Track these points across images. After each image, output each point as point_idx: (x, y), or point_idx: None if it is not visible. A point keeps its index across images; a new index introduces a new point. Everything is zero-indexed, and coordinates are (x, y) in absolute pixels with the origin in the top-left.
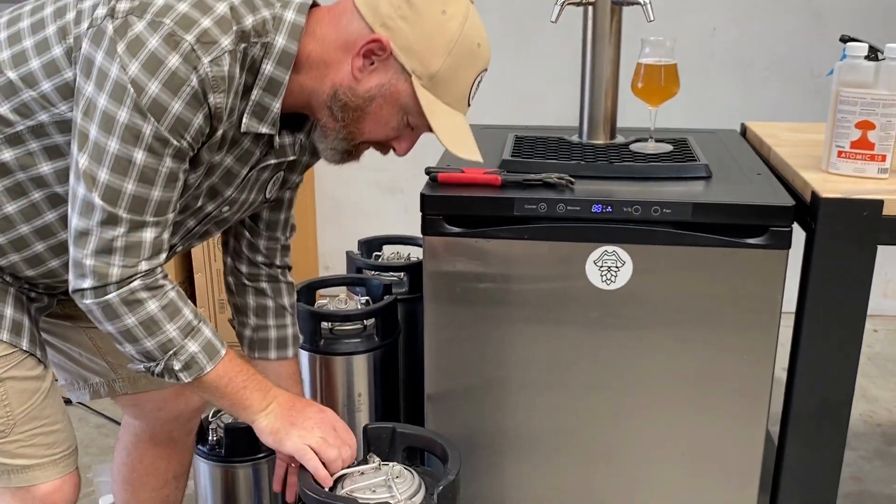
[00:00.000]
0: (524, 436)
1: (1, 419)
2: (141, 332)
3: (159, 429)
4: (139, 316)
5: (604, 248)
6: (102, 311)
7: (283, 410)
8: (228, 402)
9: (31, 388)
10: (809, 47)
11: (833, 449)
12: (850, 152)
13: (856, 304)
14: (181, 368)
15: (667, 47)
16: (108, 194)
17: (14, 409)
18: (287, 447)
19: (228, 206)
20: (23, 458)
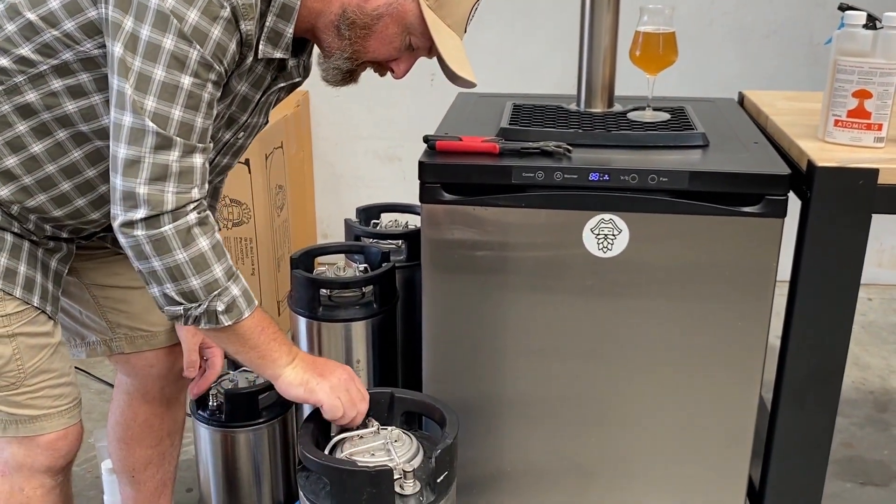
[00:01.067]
0: (520, 401)
1: (12, 373)
2: (189, 270)
3: (151, 385)
4: (191, 251)
5: (601, 217)
6: (153, 245)
7: (307, 364)
8: (257, 353)
9: (41, 344)
10: (809, 15)
11: (825, 416)
12: (846, 121)
13: (850, 272)
14: (224, 311)
15: (665, 15)
16: (158, 119)
17: (25, 363)
18: (319, 396)
19: (244, 132)
20: (30, 408)
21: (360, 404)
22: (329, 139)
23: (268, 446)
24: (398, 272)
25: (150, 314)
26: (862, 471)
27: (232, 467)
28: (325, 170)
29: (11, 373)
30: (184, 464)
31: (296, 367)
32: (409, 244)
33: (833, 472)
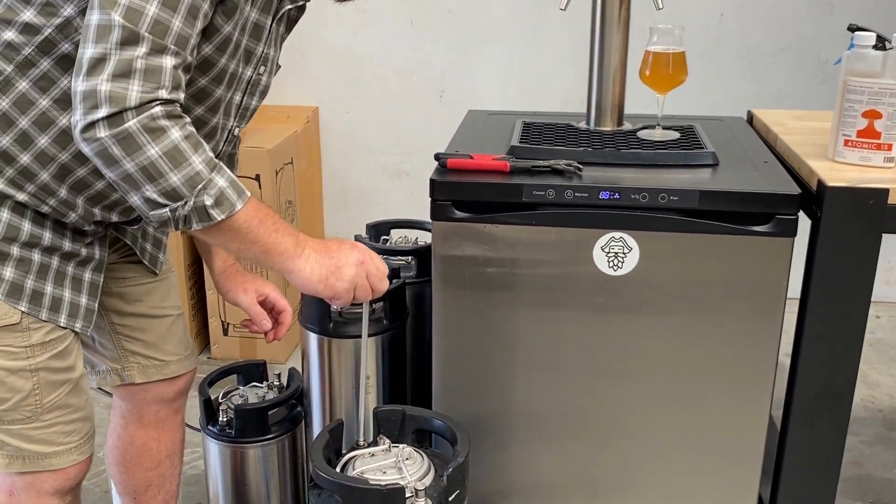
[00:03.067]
0: (531, 419)
1: (29, 407)
2: (166, 165)
3: (145, 410)
4: (163, 145)
5: (611, 235)
6: (121, 145)
7: (320, 255)
8: (261, 247)
9: (62, 379)
10: (817, 33)
11: (835, 434)
12: (856, 141)
13: (860, 292)
14: (213, 204)
15: (675, 35)
16: (129, 14)
17: (43, 398)
18: (340, 293)
19: (263, 66)
20: (42, 443)
21: (380, 285)
22: (338, 155)
23: (277, 462)
24: (408, 288)
25: (166, 343)
26: (871, 490)
27: (241, 483)
28: (334, 185)
29: (28, 407)
30: (192, 479)
31: (308, 258)
32: (419, 260)
33: (842, 490)
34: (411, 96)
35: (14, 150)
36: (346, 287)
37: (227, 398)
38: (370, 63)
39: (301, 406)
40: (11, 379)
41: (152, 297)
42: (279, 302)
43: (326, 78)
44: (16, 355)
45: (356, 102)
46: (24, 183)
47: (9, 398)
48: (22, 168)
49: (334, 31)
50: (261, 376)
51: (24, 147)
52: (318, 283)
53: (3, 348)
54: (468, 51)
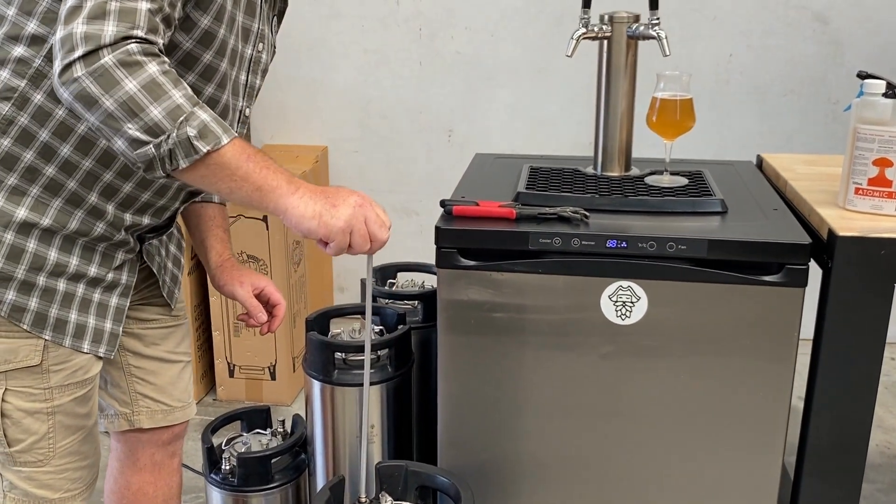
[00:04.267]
0: (538, 468)
1: (42, 450)
2: (145, 98)
3: (141, 452)
4: (140, 78)
5: (619, 284)
6: (98, 82)
7: (315, 195)
8: (252, 185)
9: (77, 425)
10: (826, 74)
11: (849, 488)
12: (867, 189)
13: (873, 341)
14: (197, 135)
15: (682, 82)
16: None
17: (57, 442)
18: (334, 231)
19: (261, 42)
20: (49, 489)
21: (380, 232)
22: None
23: None
24: (414, 333)
25: (174, 389)
26: None
27: None
28: None
29: (42, 450)
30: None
31: (303, 196)
32: (426, 305)
33: None
34: (420, 136)
35: (39, 163)
36: (342, 227)
37: (231, 445)
38: (379, 103)
39: (305, 454)
40: (28, 420)
41: (168, 342)
42: (274, 295)
43: (336, 118)
44: (34, 397)
45: (365, 142)
46: (50, 199)
47: (23, 439)
48: (48, 181)
49: (344, 71)
50: (264, 423)
51: (49, 159)
52: (311, 220)
53: (23, 389)
54: (477, 92)
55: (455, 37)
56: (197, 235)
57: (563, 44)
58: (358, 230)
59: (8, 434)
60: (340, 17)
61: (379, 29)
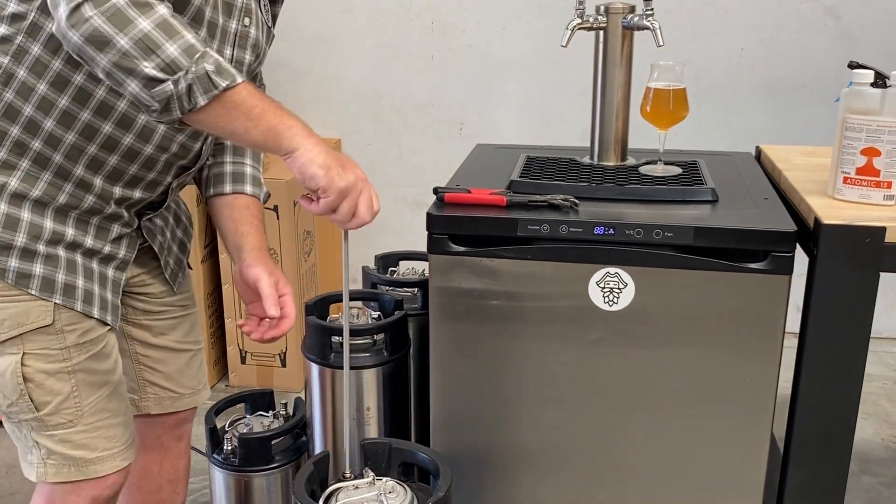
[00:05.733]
0: (529, 451)
1: (69, 410)
2: (160, 35)
3: (148, 434)
4: (153, 17)
5: (606, 270)
6: (111, 21)
7: (328, 149)
8: (267, 124)
9: (101, 381)
10: (838, 69)
11: (836, 476)
12: (855, 178)
13: (858, 331)
14: (215, 70)
15: (675, 72)
16: None
17: (83, 400)
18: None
19: (247, 16)
20: (86, 448)
21: (366, 213)
22: None
23: (281, 491)
24: (412, 320)
25: (182, 376)
26: None
27: None
28: None
29: (69, 410)
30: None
31: (317, 144)
32: (424, 292)
33: None
34: (431, 129)
35: (25, 137)
36: (343, 187)
37: (234, 427)
38: (391, 97)
39: (305, 435)
40: (50, 381)
41: (177, 332)
42: (288, 306)
43: (348, 111)
44: (53, 357)
45: (377, 135)
46: (39, 172)
47: (49, 401)
48: (35, 155)
49: (356, 65)
50: (267, 405)
51: (34, 133)
52: (319, 168)
53: (40, 351)
54: (488, 85)
55: (466, 31)
56: (230, 225)
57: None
58: (351, 199)
59: (34, 397)
60: (353, 11)
61: (391, 23)
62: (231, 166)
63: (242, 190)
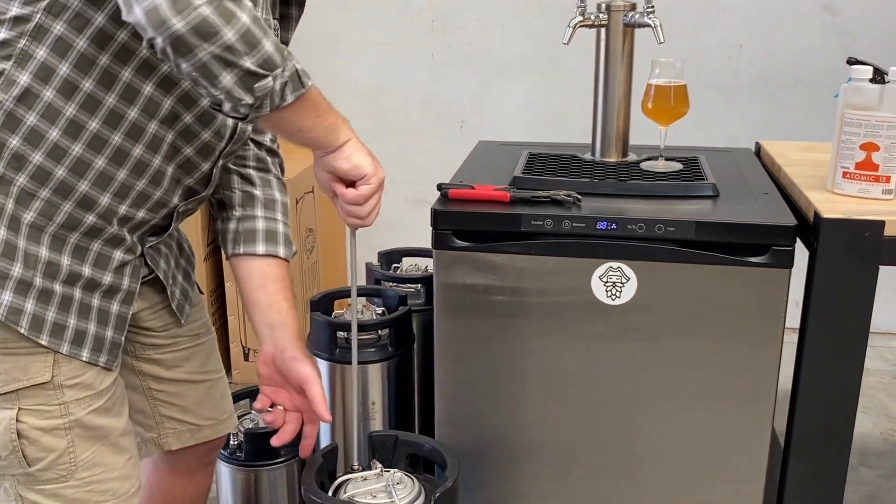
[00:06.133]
0: (533, 444)
1: (64, 465)
2: (257, 31)
3: (177, 461)
4: (247, 12)
5: (609, 265)
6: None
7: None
8: (327, 121)
9: (98, 437)
10: (835, 66)
11: (836, 468)
12: (854, 173)
13: (857, 324)
14: (302, 70)
15: (677, 68)
16: None
17: (78, 455)
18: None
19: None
20: (76, 503)
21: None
22: None
23: (286, 486)
24: (416, 315)
25: (200, 408)
26: None
27: None
28: None
29: (63, 466)
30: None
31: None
32: (427, 288)
33: None
34: (432, 128)
35: (26, 149)
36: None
37: (239, 422)
38: (392, 95)
39: None
40: (46, 438)
41: (191, 363)
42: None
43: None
44: (50, 413)
45: (378, 133)
46: (37, 189)
47: (43, 457)
48: (36, 169)
49: (357, 64)
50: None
51: (36, 145)
52: (367, 156)
53: (37, 407)
54: (488, 83)
55: (467, 29)
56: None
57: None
58: (380, 192)
59: (27, 454)
60: (354, 10)
61: (392, 22)
62: (263, 222)
63: (276, 252)
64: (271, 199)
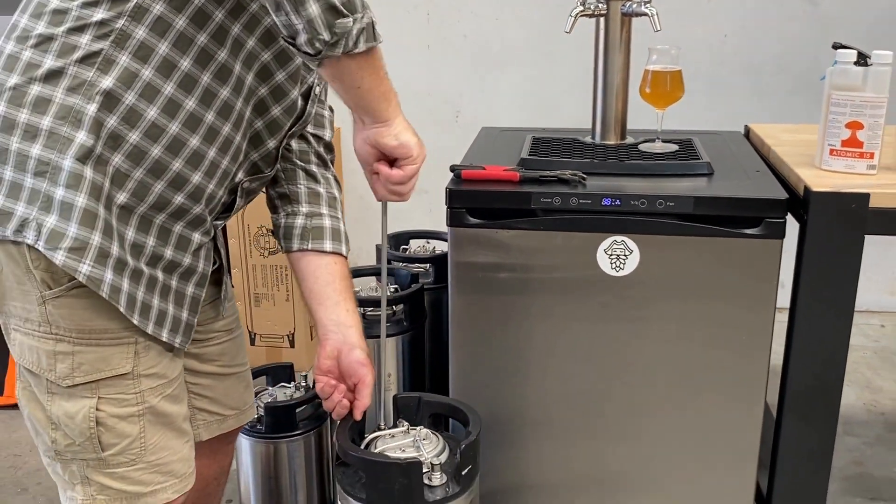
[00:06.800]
0: (541, 412)
1: (135, 450)
2: None
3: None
4: None
5: (613, 238)
6: None
7: None
8: (386, 87)
9: (166, 423)
10: (817, 53)
11: (827, 425)
12: (840, 150)
13: (846, 289)
14: (377, 24)
15: (672, 55)
16: None
17: (147, 441)
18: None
19: None
20: (141, 484)
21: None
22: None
23: (304, 457)
24: (426, 293)
25: (228, 398)
26: (871, 487)
27: (271, 477)
28: (354, 202)
29: (134, 450)
30: None
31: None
32: (437, 267)
33: (843, 488)
34: (428, 117)
35: (123, 128)
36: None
37: (258, 397)
38: None
39: None
40: (122, 425)
41: (225, 357)
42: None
43: None
44: (126, 402)
45: None
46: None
47: (117, 443)
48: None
49: None
50: (288, 377)
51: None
52: (413, 136)
53: (115, 396)
54: (483, 74)
55: (462, 21)
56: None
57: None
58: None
59: (103, 440)
60: None
61: (388, 14)
62: (329, 220)
63: (340, 250)
64: (333, 197)
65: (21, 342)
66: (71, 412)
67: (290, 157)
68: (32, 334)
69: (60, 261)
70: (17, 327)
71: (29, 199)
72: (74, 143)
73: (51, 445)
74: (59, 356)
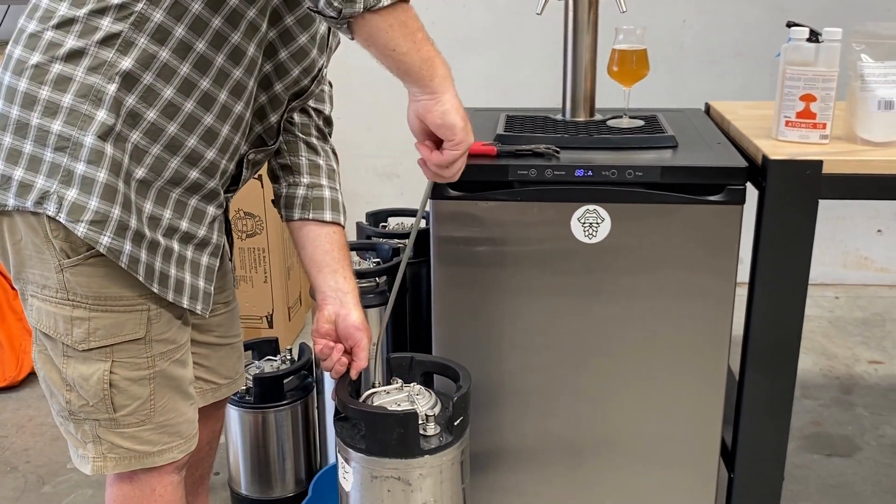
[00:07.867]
0: (518, 378)
1: (145, 411)
2: None
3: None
4: None
5: (586, 207)
6: None
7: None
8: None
9: (174, 386)
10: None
11: (786, 380)
12: (795, 121)
13: (802, 250)
14: None
15: (637, 35)
16: None
17: (157, 402)
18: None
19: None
20: (150, 444)
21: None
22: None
23: (291, 426)
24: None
25: (222, 366)
26: (828, 444)
27: (261, 445)
28: None
29: (144, 411)
30: None
31: (457, 95)
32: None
33: (802, 446)
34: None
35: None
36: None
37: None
38: (360, 73)
39: (312, 377)
40: (133, 387)
41: (222, 328)
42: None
43: None
44: (139, 365)
45: (347, 110)
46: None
47: (129, 404)
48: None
49: None
50: (274, 351)
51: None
52: (461, 119)
53: (128, 360)
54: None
55: (430, 8)
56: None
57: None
58: (466, 156)
59: (115, 401)
60: None
61: None
62: (329, 191)
63: (339, 220)
64: (332, 169)
65: (39, 308)
66: (86, 374)
67: (292, 130)
68: (50, 300)
69: (82, 233)
70: (34, 293)
71: (49, 173)
72: (95, 121)
73: (65, 406)
74: (76, 321)
